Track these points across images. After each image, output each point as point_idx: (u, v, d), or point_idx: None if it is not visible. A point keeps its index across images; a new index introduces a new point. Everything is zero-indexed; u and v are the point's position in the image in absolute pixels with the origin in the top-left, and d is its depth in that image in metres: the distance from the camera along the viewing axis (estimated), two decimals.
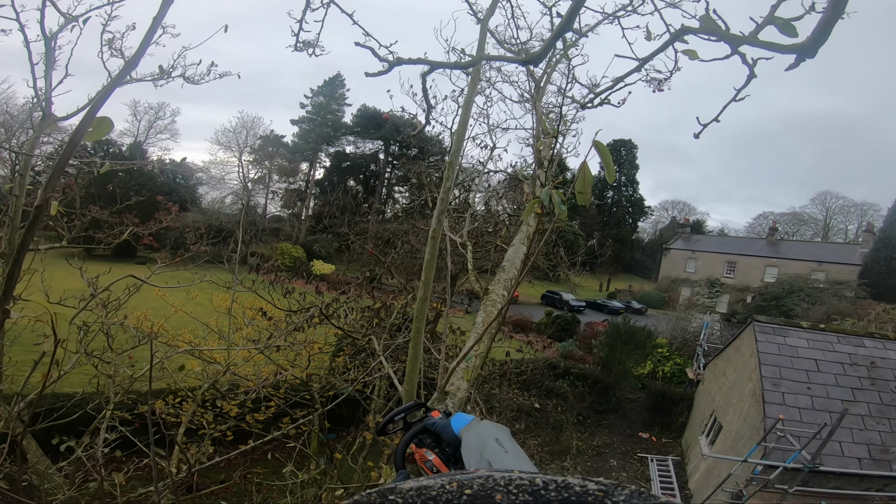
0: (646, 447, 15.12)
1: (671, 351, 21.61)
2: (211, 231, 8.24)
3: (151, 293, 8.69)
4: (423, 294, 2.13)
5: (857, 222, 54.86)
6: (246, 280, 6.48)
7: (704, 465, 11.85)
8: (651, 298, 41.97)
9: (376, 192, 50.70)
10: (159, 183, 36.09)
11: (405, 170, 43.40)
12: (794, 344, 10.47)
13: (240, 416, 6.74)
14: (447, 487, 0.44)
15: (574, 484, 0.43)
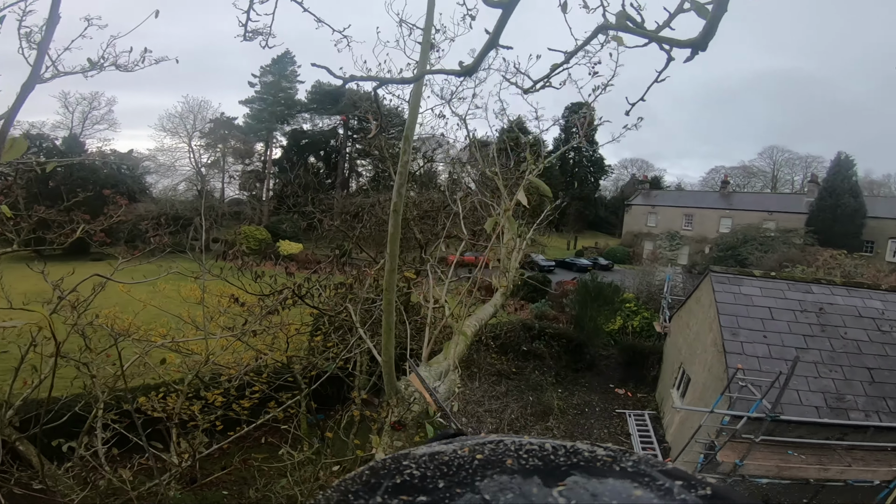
0: (623, 403, 15.70)
1: (639, 305, 22.16)
2: (168, 220, 7.90)
3: (115, 290, 8.34)
4: (390, 266, 2.16)
5: (802, 174, 58.22)
6: (213, 267, 6.30)
7: (678, 417, 12.26)
8: (617, 254, 43.36)
9: (338, 167, 49.89)
10: (103, 176, 34.20)
11: (366, 144, 42.77)
12: (749, 292, 10.89)
13: (226, 405, 6.67)
14: (459, 453, 0.45)
15: (583, 449, 0.45)
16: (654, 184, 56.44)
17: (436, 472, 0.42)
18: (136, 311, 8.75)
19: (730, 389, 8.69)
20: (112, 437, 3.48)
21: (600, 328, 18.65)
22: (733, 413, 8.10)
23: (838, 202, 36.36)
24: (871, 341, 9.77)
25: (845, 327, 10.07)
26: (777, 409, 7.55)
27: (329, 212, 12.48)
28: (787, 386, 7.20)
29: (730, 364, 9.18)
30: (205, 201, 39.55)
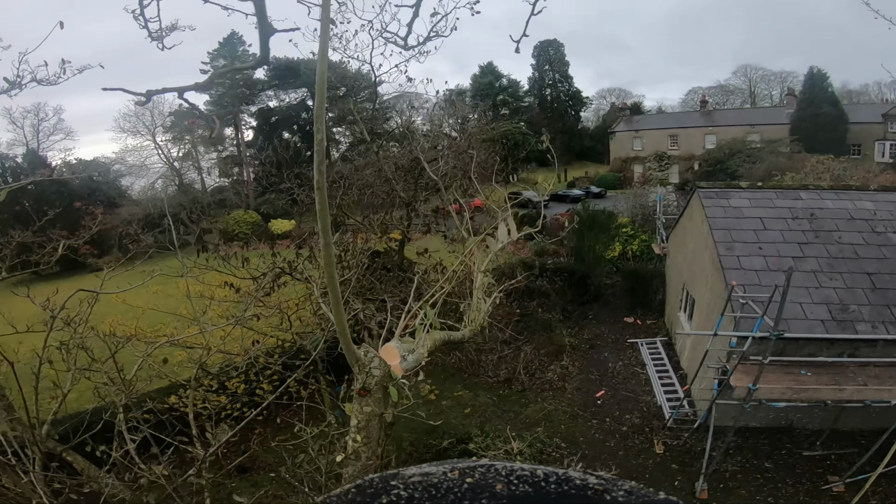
0: (633, 332, 15.60)
1: (635, 229, 21.86)
2: (152, 219, 7.68)
3: (110, 300, 8.23)
4: (324, 241, 2.10)
5: (778, 88, 58.41)
6: (199, 261, 6.19)
7: (689, 342, 12.08)
8: (607, 180, 43.44)
9: (314, 138, 48.65)
10: (77, 186, 33.30)
11: (337, 110, 41.64)
12: (738, 205, 10.69)
13: (250, 391, 6.76)
14: (449, 475, 0.44)
15: (574, 477, 0.44)
16: (634, 110, 56.90)
17: (423, 494, 0.41)
18: (137, 316, 8.71)
19: (731, 308, 8.43)
20: (143, 437, 3.61)
21: (601, 257, 18.43)
22: (738, 334, 7.85)
23: (818, 111, 37.06)
24: (867, 244, 9.56)
25: (839, 231, 9.84)
26: (781, 326, 7.22)
27: (311, 184, 12.29)
28: (785, 299, 6.88)
29: (728, 280, 8.90)
30: (187, 194, 39.02)
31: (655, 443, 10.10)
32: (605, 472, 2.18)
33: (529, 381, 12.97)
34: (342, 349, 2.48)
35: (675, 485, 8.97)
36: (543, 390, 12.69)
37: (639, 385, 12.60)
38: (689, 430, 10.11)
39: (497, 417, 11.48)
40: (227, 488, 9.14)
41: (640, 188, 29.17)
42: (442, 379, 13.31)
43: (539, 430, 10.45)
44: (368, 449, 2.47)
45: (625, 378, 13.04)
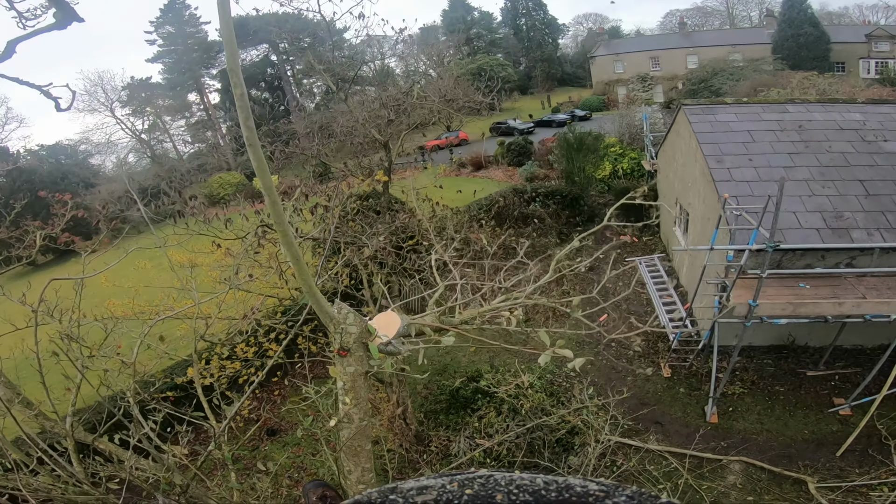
0: (631, 250, 15.68)
1: (623, 147, 21.91)
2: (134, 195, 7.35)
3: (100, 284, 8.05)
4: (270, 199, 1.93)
5: (757, 10, 58.17)
6: (178, 229, 5.99)
7: (687, 257, 12.11)
8: (592, 103, 42.82)
9: (285, 92, 46.86)
10: (45, 172, 32.09)
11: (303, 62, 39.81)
12: (725, 119, 10.66)
13: (260, 354, 6.80)
14: (448, 487, 0.44)
15: (575, 484, 0.43)
16: (613, 34, 56.78)
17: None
18: (132, 295, 8.58)
19: (726, 221, 8.39)
20: (164, 418, 3.63)
21: (591, 177, 18.45)
22: (734, 247, 7.80)
23: (799, 31, 36.69)
24: (857, 152, 9.48)
25: (829, 141, 9.76)
26: (776, 237, 7.17)
27: (292, 136, 11.95)
28: (779, 208, 6.80)
29: (720, 193, 8.87)
30: (163, 165, 37.94)
31: (662, 366, 10.30)
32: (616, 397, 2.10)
33: (532, 310, 13.12)
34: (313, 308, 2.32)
35: (686, 410, 9.20)
36: (547, 318, 12.78)
37: (640, 305, 12.75)
38: (693, 351, 10.31)
39: (504, 351, 11.63)
40: (260, 453, 9.55)
41: (625, 109, 28.92)
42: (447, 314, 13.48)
43: (547, 359, 10.68)
44: (360, 410, 2.38)
45: (626, 299, 13.09)
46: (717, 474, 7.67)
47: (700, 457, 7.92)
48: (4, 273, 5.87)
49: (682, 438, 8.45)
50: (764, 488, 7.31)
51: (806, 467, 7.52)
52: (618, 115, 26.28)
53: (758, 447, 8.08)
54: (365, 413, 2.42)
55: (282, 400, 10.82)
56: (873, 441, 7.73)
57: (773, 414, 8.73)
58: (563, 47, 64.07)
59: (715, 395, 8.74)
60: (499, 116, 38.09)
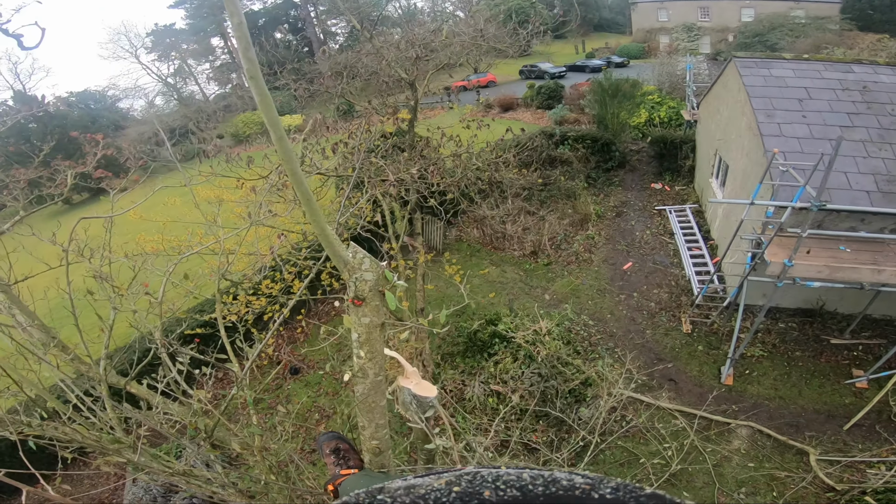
0: (661, 198, 15.14)
1: (662, 96, 21.17)
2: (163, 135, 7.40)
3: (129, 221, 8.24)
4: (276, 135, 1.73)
5: None
6: (203, 168, 5.98)
7: (721, 210, 11.67)
8: (631, 50, 40.46)
9: (309, 34, 45.90)
10: (76, 117, 32.78)
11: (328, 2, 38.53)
12: (781, 74, 10.06)
13: (286, 290, 6.95)
14: (435, 485, 0.45)
15: (561, 478, 0.45)
16: None
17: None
18: (161, 231, 8.79)
19: (770, 176, 8.03)
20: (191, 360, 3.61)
21: (625, 123, 17.78)
22: (776, 203, 7.39)
23: None
24: None
25: (893, 104, 8.98)
26: (823, 197, 6.73)
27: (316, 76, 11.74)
28: (831, 168, 6.35)
29: (767, 148, 8.43)
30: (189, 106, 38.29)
31: (683, 321, 10.09)
32: (627, 351, 1.97)
33: (555, 254, 12.98)
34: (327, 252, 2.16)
35: (702, 369, 9.07)
36: (570, 262, 12.65)
37: (667, 256, 12.41)
38: (717, 308, 10.06)
39: (525, 294, 11.62)
40: (284, 392, 9.95)
41: (666, 58, 27.39)
42: (468, 255, 13.45)
43: (567, 306, 10.60)
44: (375, 365, 2.28)
45: (653, 248, 12.83)
46: (723, 437, 7.69)
47: (709, 418, 7.93)
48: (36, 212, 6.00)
49: (695, 398, 8.43)
50: (766, 456, 7.33)
51: (811, 438, 7.47)
52: (658, 64, 25.26)
53: (768, 413, 8.02)
54: (380, 368, 2.30)
55: (305, 338, 11.16)
56: (883, 417, 7.58)
57: (789, 380, 8.58)
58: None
59: (734, 356, 8.58)
60: (529, 59, 36.27)
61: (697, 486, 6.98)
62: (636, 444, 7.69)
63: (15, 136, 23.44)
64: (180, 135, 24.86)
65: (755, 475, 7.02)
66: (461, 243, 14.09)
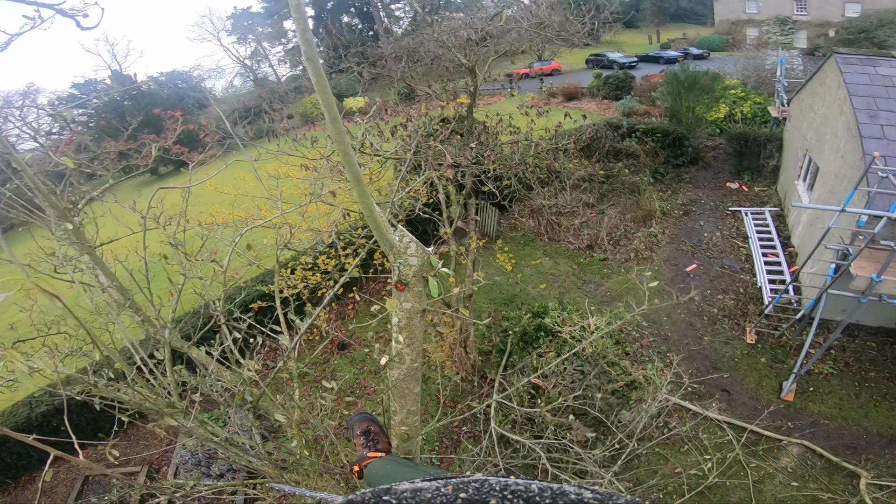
0: (737, 199, 14.05)
1: (747, 91, 19.60)
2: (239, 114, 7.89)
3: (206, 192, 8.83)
4: (330, 116, 1.69)
5: None
6: (271, 146, 6.28)
7: (806, 216, 10.82)
8: (711, 42, 37.58)
9: (374, 18, 46.64)
10: (166, 95, 35.55)
11: None
12: (889, 73, 9.15)
13: (339, 268, 7.22)
14: (442, 490, 0.45)
15: (570, 492, 0.43)
16: None
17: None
18: (231, 203, 9.36)
19: (867, 182, 7.29)
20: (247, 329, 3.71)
21: (701, 118, 16.71)
22: (871, 212, 6.72)
23: None
24: None
25: None
26: None
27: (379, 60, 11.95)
28: None
29: (867, 151, 7.69)
30: (263, 87, 40.50)
31: (748, 331, 9.45)
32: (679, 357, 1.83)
33: (613, 249, 12.49)
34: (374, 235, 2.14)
35: (761, 382, 8.49)
36: (628, 259, 12.13)
37: (738, 260, 11.59)
38: (789, 320, 9.31)
39: (577, 289, 11.31)
40: (329, 366, 10.35)
41: (754, 51, 25.50)
42: (521, 245, 13.23)
43: (620, 305, 10.20)
44: (412, 350, 2.26)
45: (722, 251, 12.02)
46: (771, 454, 7.21)
47: (760, 433, 7.44)
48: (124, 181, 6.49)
49: (748, 411, 7.93)
50: (813, 476, 6.84)
51: (867, 462, 6.87)
52: (743, 57, 23.52)
53: (826, 433, 7.43)
54: (417, 354, 2.27)
55: (354, 314, 11.52)
56: None
57: (857, 401, 7.89)
58: None
59: (799, 372, 7.97)
60: (598, 49, 34.63)
61: (732, 501, 6.66)
62: (675, 453, 7.38)
63: (111, 111, 25.84)
64: (254, 114, 26.27)
65: (796, 495, 6.62)
66: (515, 231, 13.90)
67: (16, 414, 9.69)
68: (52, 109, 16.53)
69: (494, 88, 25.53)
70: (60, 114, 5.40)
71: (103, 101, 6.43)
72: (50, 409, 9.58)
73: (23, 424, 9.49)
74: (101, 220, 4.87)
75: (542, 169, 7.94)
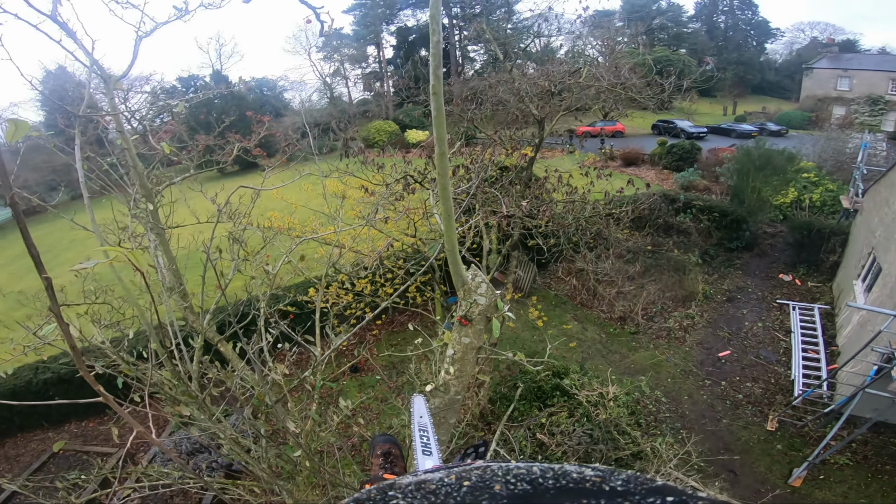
0: (788, 292, 13.48)
1: (821, 175, 18.59)
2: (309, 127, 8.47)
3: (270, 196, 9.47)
4: (439, 150, 1.89)
5: None
6: (340, 165, 6.68)
7: (857, 317, 10.32)
8: (792, 119, 35.90)
9: (450, 56, 48.82)
10: (251, 100, 38.39)
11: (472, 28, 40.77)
12: None
13: (374, 293, 7.49)
14: (446, 480, 0.45)
15: (571, 471, 0.44)
16: (845, 47, 45.69)
17: (423, 501, 0.42)
18: (291, 211, 9.95)
19: None
20: (277, 334, 3.75)
21: (766, 201, 15.87)
22: None
23: None
24: None
25: None
26: None
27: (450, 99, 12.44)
28: None
29: None
30: (336, 106, 42.84)
31: (770, 418, 9.12)
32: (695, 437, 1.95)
33: (646, 325, 12.21)
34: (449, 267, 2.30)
35: (772, 467, 8.15)
36: (659, 337, 11.85)
37: (775, 353, 11.12)
38: (815, 412, 8.96)
39: (601, 356, 11.14)
40: (339, 386, 10.52)
41: (837, 132, 23.97)
42: (553, 305, 13.14)
43: (643, 378, 9.96)
44: (459, 383, 2.36)
45: (760, 342, 11.56)
46: None
47: None
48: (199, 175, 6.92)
49: (750, 494, 7.61)
50: None
51: None
52: (824, 138, 22.14)
53: None
54: (463, 388, 2.35)
55: (374, 341, 11.73)
56: None
57: (865, 491, 7.53)
58: (770, 53, 54.71)
59: (814, 460, 7.72)
60: (667, 115, 34.13)
61: None
62: None
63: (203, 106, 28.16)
64: (322, 130, 27.86)
65: None
66: (548, 291, 13.84)
67: (18, 377, 9.38)
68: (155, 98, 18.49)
69: (555, 143, 25.78)
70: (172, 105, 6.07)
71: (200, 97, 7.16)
72: (53, 377, 9.34)
73: (20, 389, 9.19)
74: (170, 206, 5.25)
75: (592, 233, 7.96)
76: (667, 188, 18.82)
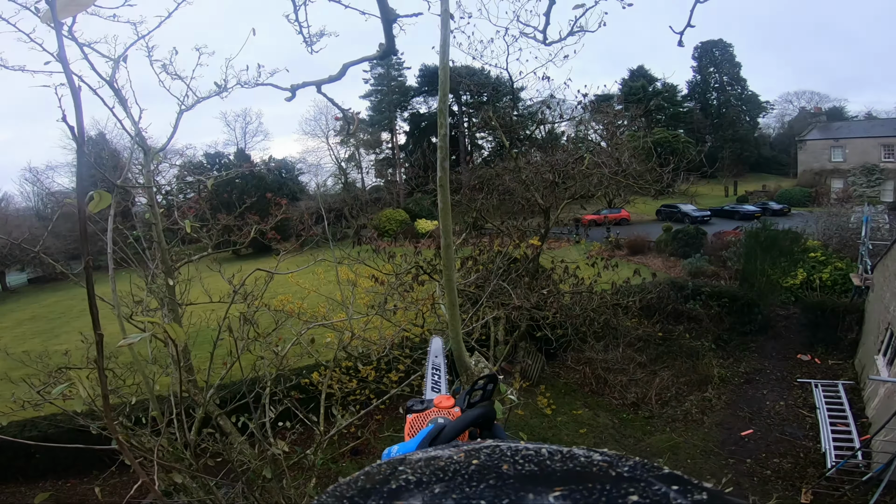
0: (808, 371, 13.18)
1: (828, 254, 18.54)
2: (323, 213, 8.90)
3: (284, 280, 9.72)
4: (445, 242, 2.01)
5: None
6: (352, 252, 6.91)
7: (883, 389, 10.19)
8: (793, 196, 36.37)
9: (459, 143, 50.99)
10: (270, 181, 40.00)
11: (479, 116, 43.35)
12: None
13: (377, 379, 7.38)
14: (455, 458, 0.45)
15: (579, 454, 0.44)
16: (833, 115, 47.29)
17: (431, 477, 0.42)
18: (303, 296, 10.11)
19: None
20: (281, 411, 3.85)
21: (776, 283, 15.80)
22: None
23: None
24: None
25: None
26: None
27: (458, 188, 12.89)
28: None
29: None
30: (350, 192, 44.42)
31: (803, 492, 8.59)
32: None
33: (660, 410, 11.76)
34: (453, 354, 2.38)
35: None
36: (675, 420, 11.39)
37: (801, 429, 10.66)
38: (854, 482, 8.48)
39: (615, 441, 10.64)
40: (338, 468, 10.10)
41: (838, 206, 24.44)
42: (562, 393, 12.76)
43: (660, 461, 9.38)
44: None
45: (784, 419, 11.11)
46: None
47: None
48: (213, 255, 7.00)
49: None
50: None
51: None
52: (826, 214, 22.33)
53: None
54: None
55: (377, 425, 11.34)
56: None
57: None
58: (763, 127, 56.03)
59: None
60: (670, 199, 34.18)
61: None
62: None
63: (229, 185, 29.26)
64: (335, 216, 28.65)
65: None
66: (557, 380, 13.55)
67: (4, 431, 8.84)
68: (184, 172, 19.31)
69: (560, 232, 26.01)
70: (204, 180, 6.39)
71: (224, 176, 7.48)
72: (39, 435, 9.04)
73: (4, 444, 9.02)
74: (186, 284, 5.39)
75: (600, 322, 7.91)
76: (674, 276, 18.67)
